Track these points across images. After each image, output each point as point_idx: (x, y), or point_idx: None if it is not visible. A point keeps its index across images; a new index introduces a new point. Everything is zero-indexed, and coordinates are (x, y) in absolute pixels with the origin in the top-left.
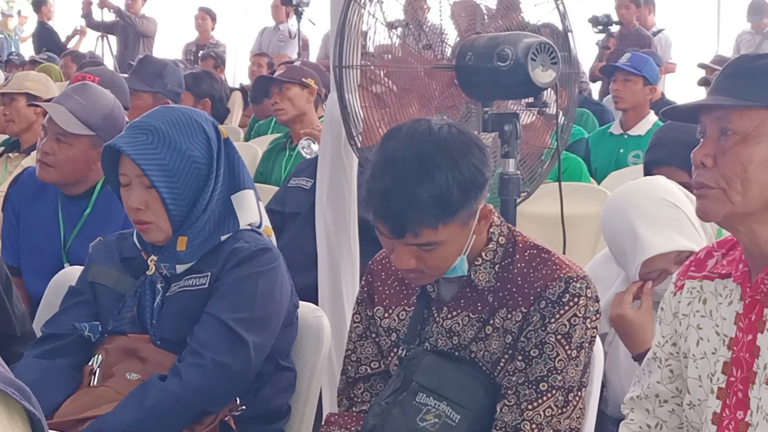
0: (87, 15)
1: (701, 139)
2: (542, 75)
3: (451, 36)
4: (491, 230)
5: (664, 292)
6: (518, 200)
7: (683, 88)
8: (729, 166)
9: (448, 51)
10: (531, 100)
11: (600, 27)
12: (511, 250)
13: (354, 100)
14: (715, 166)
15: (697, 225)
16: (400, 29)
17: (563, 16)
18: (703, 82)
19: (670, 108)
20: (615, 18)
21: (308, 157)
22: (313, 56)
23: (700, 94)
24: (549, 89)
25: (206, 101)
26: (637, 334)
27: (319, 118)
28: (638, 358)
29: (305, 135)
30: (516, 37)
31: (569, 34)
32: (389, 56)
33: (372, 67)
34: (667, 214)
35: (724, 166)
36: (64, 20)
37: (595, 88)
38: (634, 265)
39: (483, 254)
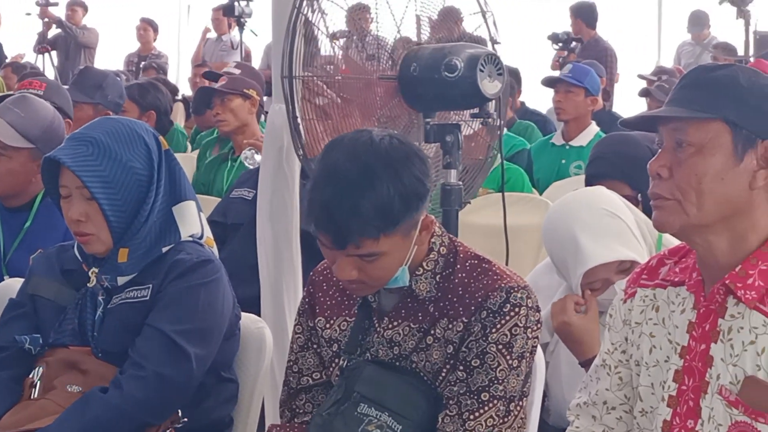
0: (43, 35)
1: (659, 150)
2: (489, 86)
3: (396, 47)
4: (432, 241)
5: (607, 302)
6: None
7: (625, 98)
8: (684, 177)
9: (392, 62)
10: (476, 110)
11: (560, 44)
12: (452, 260)
13: (298, 111)
14: (671, 177)
15: (638, 235)
16: (343, 40)
17: (490, 29)
18: (644, 93)
19: (629, 119)
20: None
21: (251, 167)
22: (255, 67)
23: (641, 105)
24: (492, 100)
25: (151, 114)
26: (584, 341)
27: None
28: (585, 364)
29: (248, 145)
30: (461, 48)
31: (496, 46)
32: (331, 67)
33: (314, 78)
34: (608, 225)
35: (679, 178)
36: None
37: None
38: (576, 275)
39: (424, 264)
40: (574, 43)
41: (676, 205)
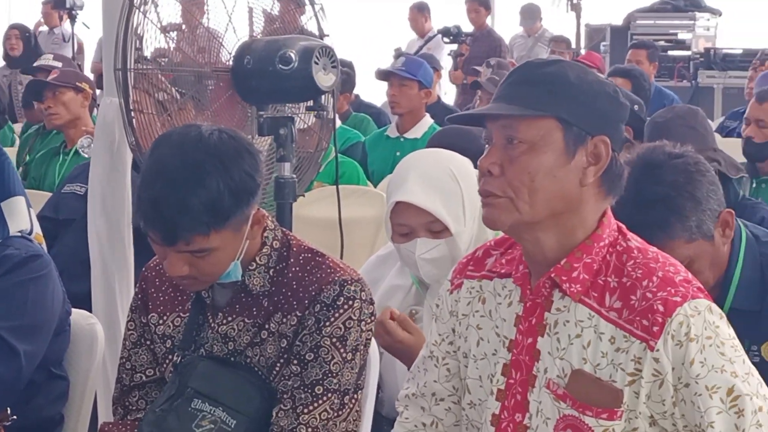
0: None
1: (487, 146)
2: (324, 78)
3: (228, 39)
4: (265, 235)
5: (405, 253)
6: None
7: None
8: (516, 175)
9: (225, 54)
10: (311, 103)
11: (451, 38)
12: (285, 254)
13: (132, 103)
14: (502, 174)
15: (470, 216)
16: (175, 33)
17: (320, 21)
18: (475, 86)
19: (456, 115)
20: (465, 30)
21: (86, 156)
22: (88, 60)
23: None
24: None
25: None
26: (416, 354)
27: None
28: None
29: (86, 134)
30: (295, 41)
31: (325, 38)
32: (164, 60)
33: (158, 72)
34: (443, 183)
35: (511, 176)
36: None
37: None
38: (388, 203)
39: (257, 259)
40: (464, 36)
41: (508, 203)
